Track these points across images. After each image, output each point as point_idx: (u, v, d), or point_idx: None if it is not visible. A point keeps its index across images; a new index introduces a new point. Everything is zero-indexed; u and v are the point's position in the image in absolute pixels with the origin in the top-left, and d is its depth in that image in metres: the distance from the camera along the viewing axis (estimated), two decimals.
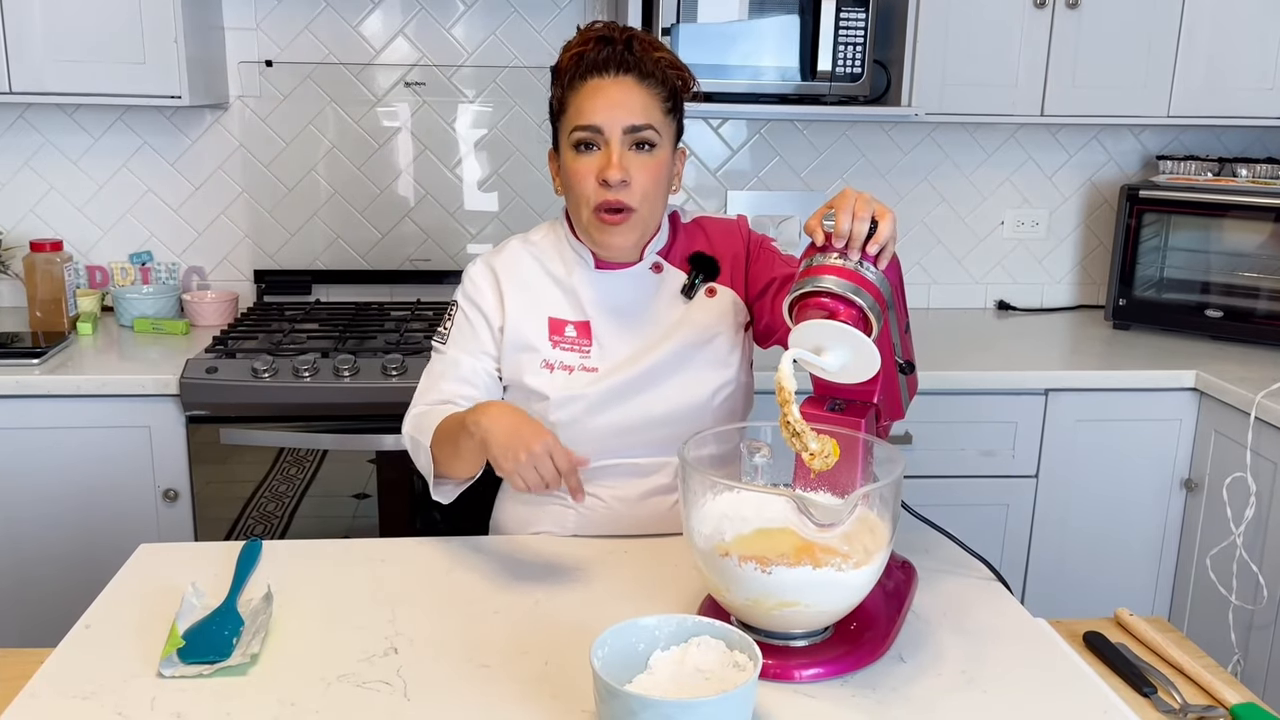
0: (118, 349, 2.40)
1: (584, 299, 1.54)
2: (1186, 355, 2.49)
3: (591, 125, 1.42)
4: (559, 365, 1.52)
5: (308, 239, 2.78)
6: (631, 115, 1.43)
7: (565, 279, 1.55)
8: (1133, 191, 2.70)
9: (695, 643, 1.06)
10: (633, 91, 1.43)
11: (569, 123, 1.46)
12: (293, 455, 2.23)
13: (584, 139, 1.44)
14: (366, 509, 2.28)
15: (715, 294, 1.56)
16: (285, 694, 1.08)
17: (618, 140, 1.42)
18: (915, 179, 2.91)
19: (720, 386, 1.54)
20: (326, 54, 2.69)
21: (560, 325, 1.53)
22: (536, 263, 1.56)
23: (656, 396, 1.51)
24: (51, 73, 2.30)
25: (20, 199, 2.69)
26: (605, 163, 1.42)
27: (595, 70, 1.44)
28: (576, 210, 1.48)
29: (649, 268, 1.56)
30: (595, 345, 1.52)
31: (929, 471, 2.36)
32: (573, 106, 1.45)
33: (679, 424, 1.49)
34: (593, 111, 1.42)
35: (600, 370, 1.51)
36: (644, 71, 1.44)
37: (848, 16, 2.41)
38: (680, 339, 1.53)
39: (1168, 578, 2.48)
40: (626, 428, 1.51)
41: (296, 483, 2.25)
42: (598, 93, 1.43)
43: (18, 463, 2.17)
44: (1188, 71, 2.57)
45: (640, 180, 1.44)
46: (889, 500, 1.14)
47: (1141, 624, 1.33)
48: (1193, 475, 2.41)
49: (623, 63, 1.44)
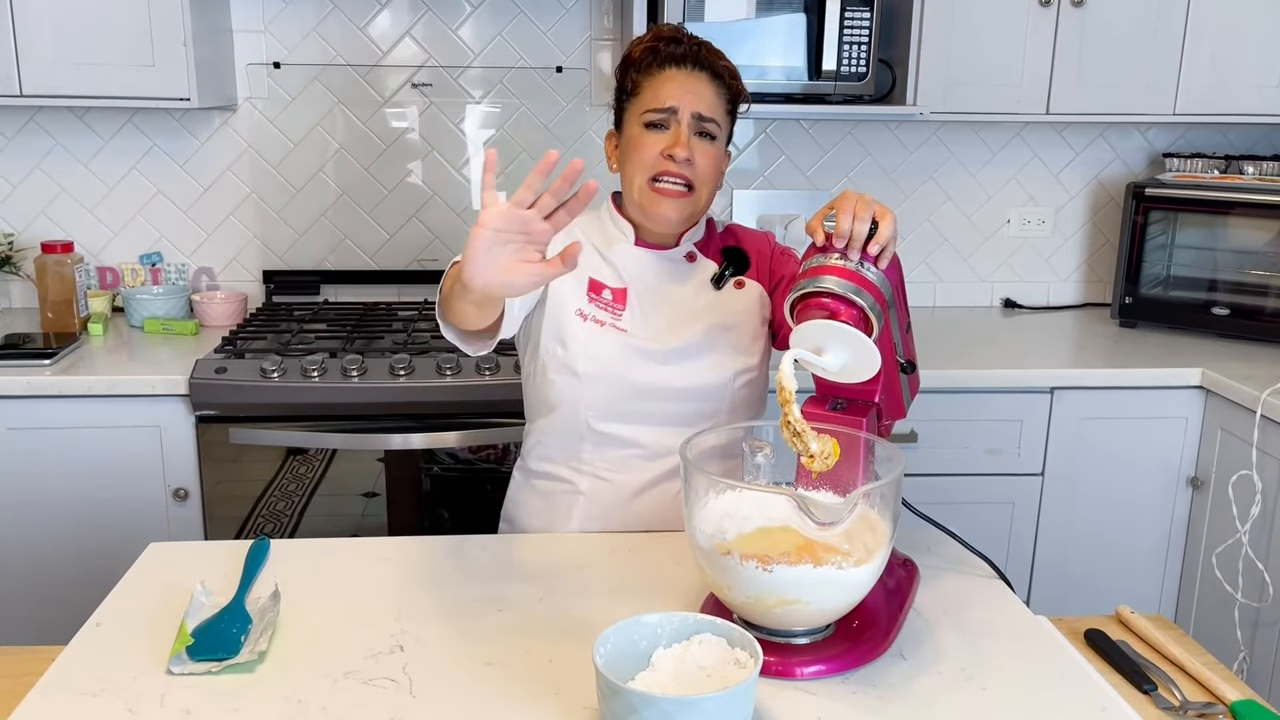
0: (128, 349, 2.42)
1: (622, 269, 1.59)
2: (1192, 353, 2.49)
3: (667, 107, 1.51)
4: (592, 318, 1.56)
5: (316, 240, 2.80)
6: (702, 104, 1.52)
7: (606, 250, 1.61)
8: (1139, 189, 2.70)
9: (697, 640, 1.07)
10: (705, 85, 1.54)
11: (642, 104, 1.54)
12: (302, 455, 2.25)
13: (657, 120, 1.52)
14: (375, 508, 2.30)
15: (743, 286, 1.62)
16: (292, 691, 1.10)
17: (687, 123, 1.51)
18: (921, 177, 2.92)
19: (742, 370, 1.58)
20: (334, 56, 2.71)
21: (599, 286, 1.59)
22: (579, 234, 1.61)
23: (681, 370, 1.56)
24: (61, 76, 2.32)
25: (31, 201, 2.72)
26: (674, 140, 1.51)
27: (673, 62, 1.54)
28: (630, 180, 1.55)
29: (684, 255, 1.62)
30: (628, 311, 1.57)
31: (934, 469, 2.37)
32: (648, 90, 1.54)
33: (699, 401, 1.55)
34: (668, 95, 1.52)
35: (629, 332, 1.56)
36: (715, 72, 1.55)
37: (852, 16, 2.42)
38: (708, 322, 1.58)
39: (1174, 575, 2.48)
40: (650, 390, 1.55)
41: (306, 482, 2.27)
42: (673, 80, 1.53)
43: (30, 463, 2.19)
44: (1193, 69, 2.57)
45: (701, 163, 1.52)
46: (889, 498, 1.15)
47: (1142, 621, 1.34)
48: (1198, 473, 2.41)
49: (698, 60, 1.54)
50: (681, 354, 1.56)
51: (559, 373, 1.56)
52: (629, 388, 1.54)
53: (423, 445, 2.23)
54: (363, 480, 2.28)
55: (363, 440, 2.22)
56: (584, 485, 1.59)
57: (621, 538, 1.49)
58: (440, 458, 2.27)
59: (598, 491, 1.58)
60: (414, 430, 2.22)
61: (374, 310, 2.71)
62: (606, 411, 1.56)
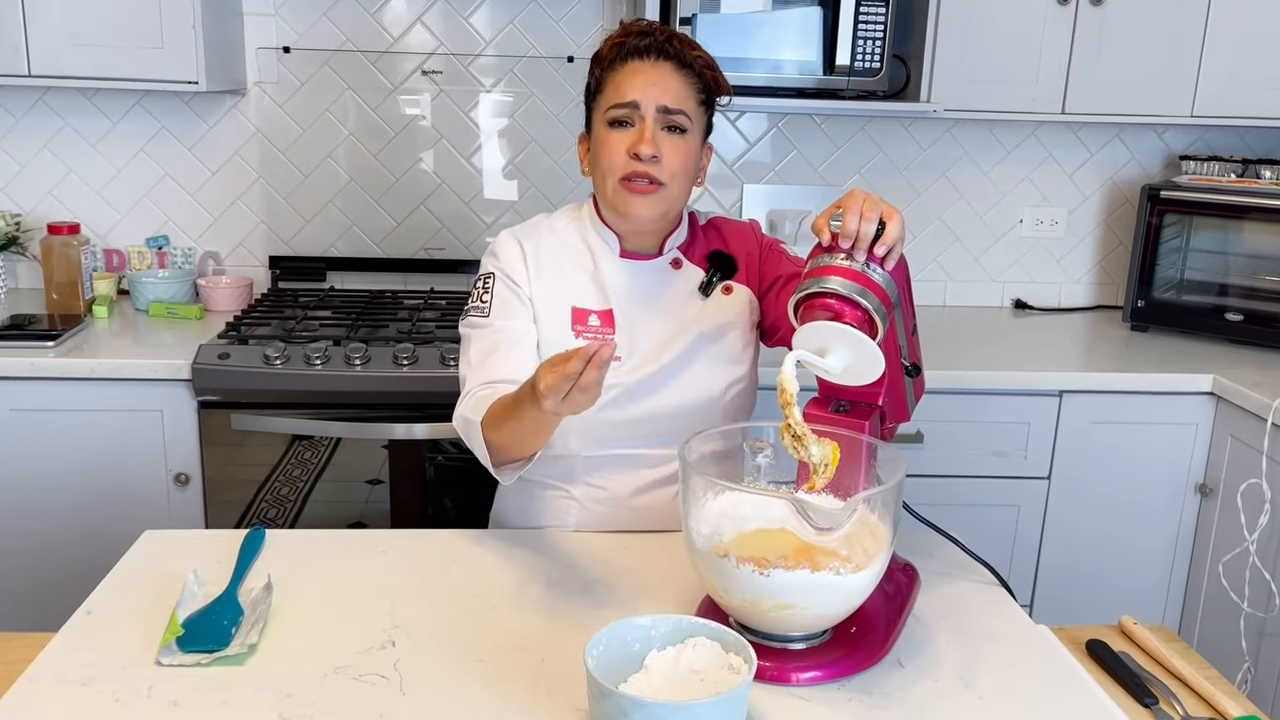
0: (132, 333, 2.41)
1: (608, 286, 1.54)
2: (1204, 358, 2.46)
3: (628, 102, 1.45)
4: None
5: (323, 226, 2.79)
6: (666, 96, 1.45)
7: (589, 266, 1.56)
8: (1154, 191, 2.67)
9: (691, 643, 1.06)
10: (670, 76, 1.47)
11: (605, 101, 1.48)
12: (307, 441, 2.24)
13: (619, 116, 1.46)
14: (379, 495, 2.29)
15: (731, 291, 1.58)
16: (282, 685, 1.09)
17: (651, 118, 1.45)
18: (933, 175, 2.89)
19: (733, 382, 1.55)
20: (344, 41, 2.69)
21: (583, 315, 1.54)
22: (561, 249, 1.57)
23: (670, 390, 1.52)
24: (69, 56, 2.31)
25: (39, 181, 2.71)
26: (638, 138, 1.45)
27: (635, 55, 1.48)
28: (603, 182, 1.49)
29: (669, 263, 1.57)
30: (618, 334, 1.53)
31: (939, 471, 2.35)
32: (610, 86, 1.48)
33: (690, 417, 1.50)
34: (630, 89, 1.45)
35: (622, 359, 1.52)
36: (682, 61, 1.48)
37: (867, 10, 2.39)
38: (696, 333, 1.53)
39: (1180, 583, 2.46)
40: (639, 420, 1.52)
41: (311, 468, 2.26)
42: (635, 73, 1.46)
43: (32, 444, 2.19)
44: (1212, 71, 2.53)
45: (670, 159, 1.46)
46: (890, 504, 1.13)
47: (1145, 633, 1.32)
48: (1207, 480, 2.38)
49: (662, 51, 1.47)
50: (672, 370, 1.52)
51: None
52: (619, 424, 1.51)
53: (426, 435, 2.22)
54: (367, 467, 2.27)
55: (365, 429, 2.21)
56: (578, 493, 1.56)
57: (620, 537, 1.48)
58: (444, 447, 2.26)
59: (592, 498, 1.56)
60: (417, 420, 2.20)
61: (380, 298, 2.70)
62: (598, 444, 1.53)
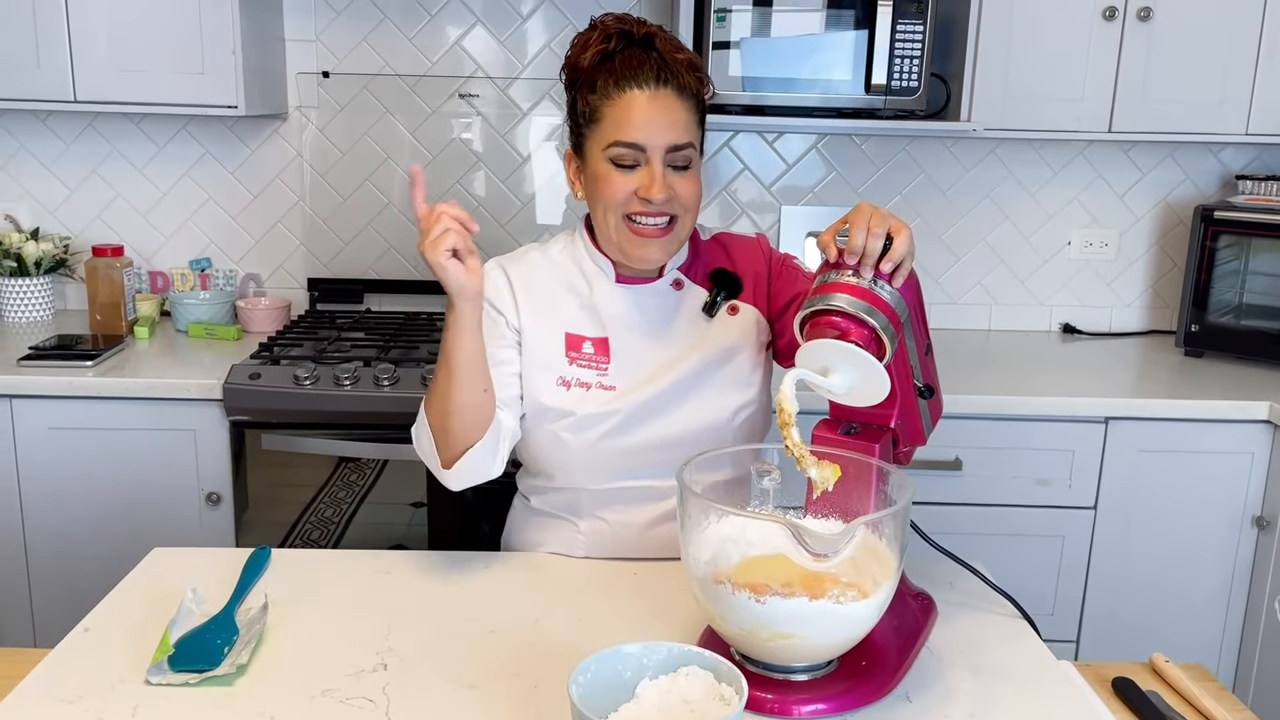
0: (170, 353, 2.44)
1: (603, 314, 1.49)
2: (1261, 385, 2.36)
3: (635, 144, 1.38)
4: (575, 382, 1.47)
5: (361, 248, 2.81)
6: (673, 133, 1.39)
7: (584, 293, 1.50)
8: (1208, 212, 2.57)
9: (684, 673, 1.02)
10: (673, 107, 1.39)
11: (605, 135, 1.40)
12: (354, 462, 2.24)
13: (623, 158, 1.39)
14: (421, 518, 2.28)
15: (738, 311, 1.52)
16: (266, 707, 1.07)
17: (659, 159, 1.39)
18: (977, 196, 2.82)
19: (741, 406, 1.49)
20: (383, 65, 2.72)
21: (577, 341, 1.48)
22: (555, 276, 1.52)
23: (674, 417, 1.46)
24: (114, 83, 2.36)
25: (88, 205, 2.77)
26: (648, 181, 1.38)
27: (632, 81, 1.39)
28: (604, 216, 1.43)
29: (670, 284, 1.51)
30: (613, 362, 1.47)
31: (980, 499, 2.28)
32: (609, 119, 1.40)
33: (697, 444, 1.43)
34: (634, 128, 1.38)
35: (618, 388, 1.46)
36: (681, 84, 1.41)
37: (904, 28, 2.35)
38: (701, 357, 1.48)
39: (1236, 622, 2.35)
40: (643, 448, 1.47)
41: (356, 490, 2.26)
42: (634, 107, 1.38)
43: (69, 463, 2.22)
44: (1268, 86, 2.44)
45: (682, 192, 1.41)
46: (896, 529, 1.08)
47: (1177, 671, 1.24)
48: (1264, 513, 2.27)
49: (660, 75, 1.40)
50: (675, 397, 1.46)
51: (550, 445, 1.47)
52: (624, 451, 1.46)
53: None
54: (411, 490, 2.27)
55: (398, 450, 2.20)
56: (585, 526, 1.51)
57: (627, 564, 1.44)
58: None
59: (599, 531, 1.51)
60: None
61: (415, 320, 2.70)
62: (603, 476, 1.48)
